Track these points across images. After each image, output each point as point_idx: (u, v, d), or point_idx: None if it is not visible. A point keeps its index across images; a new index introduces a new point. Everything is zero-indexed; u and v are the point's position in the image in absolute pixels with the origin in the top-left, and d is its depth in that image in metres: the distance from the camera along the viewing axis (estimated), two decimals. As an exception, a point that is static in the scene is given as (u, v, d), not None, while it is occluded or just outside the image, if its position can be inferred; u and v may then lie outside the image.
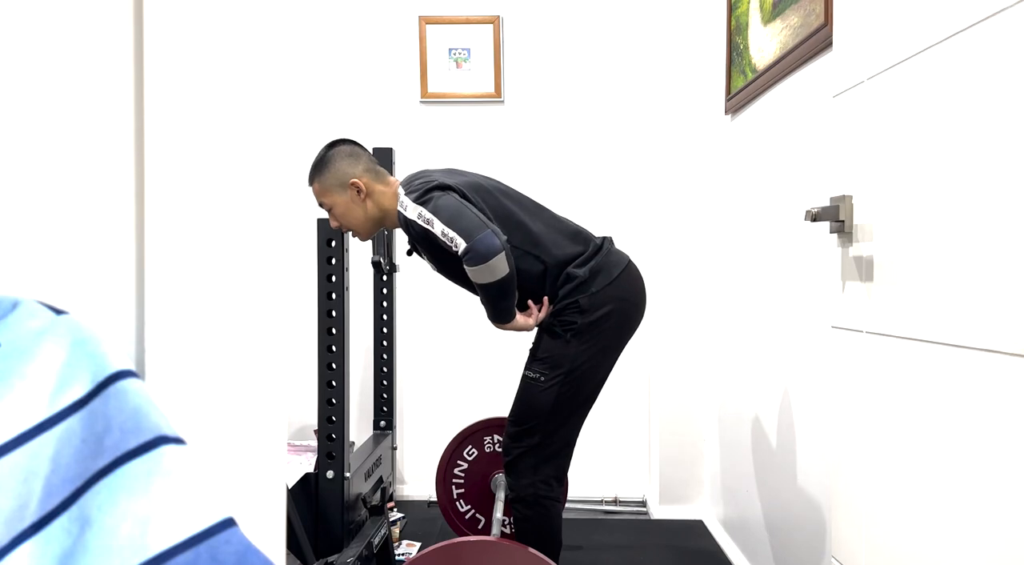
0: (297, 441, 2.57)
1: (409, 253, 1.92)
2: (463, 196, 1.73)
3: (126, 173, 0.55)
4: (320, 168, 1.82)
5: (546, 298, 1.79)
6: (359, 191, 1.81)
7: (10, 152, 0.49)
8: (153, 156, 0.56)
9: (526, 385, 1.79)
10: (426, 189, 1.73)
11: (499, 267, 1.65)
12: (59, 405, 0.42)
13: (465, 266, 1.67)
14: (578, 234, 1.85)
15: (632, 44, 2.97)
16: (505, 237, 1.68)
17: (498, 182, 1.89)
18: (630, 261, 1.86)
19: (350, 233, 1.90)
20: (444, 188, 1.73)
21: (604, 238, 1.87)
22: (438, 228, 1.68)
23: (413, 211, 1.72)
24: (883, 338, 1.06)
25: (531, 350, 1.83)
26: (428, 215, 1.69)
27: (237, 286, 0.65)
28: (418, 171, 1.90)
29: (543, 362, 1.77)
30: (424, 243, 1.77)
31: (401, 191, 1.80)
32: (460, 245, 1.64)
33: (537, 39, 2.99)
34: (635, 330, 1.86)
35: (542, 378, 1.76)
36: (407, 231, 1.80)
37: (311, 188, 1.85)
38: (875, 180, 1.08)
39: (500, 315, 1.76)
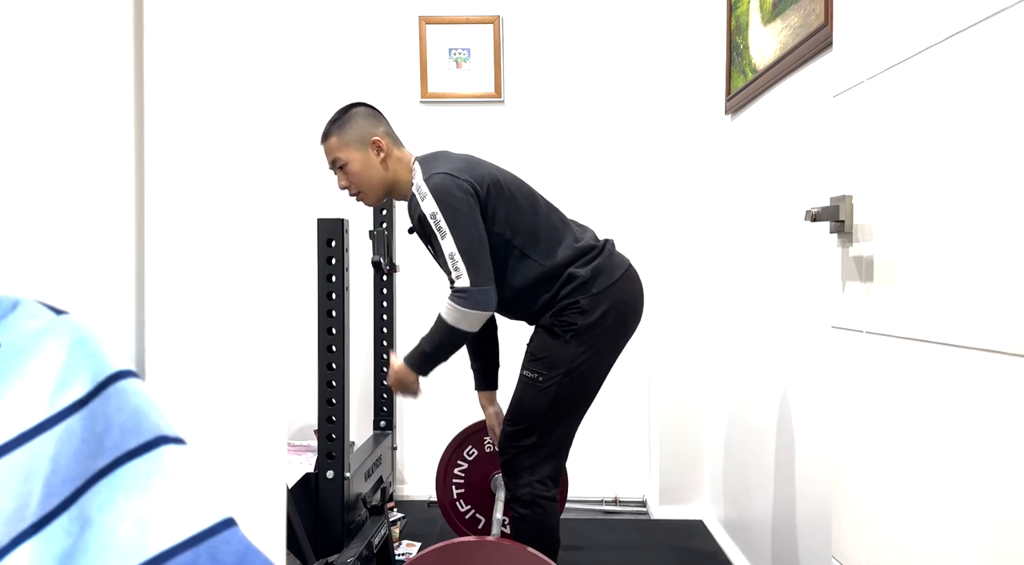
0: (297, 441, 2.57)
1: (410, 231, 1.90)
2: (479, 199, 1.72)
3: (126, 173, 0.55)
4: (340, 123, 1.80)
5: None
6: (380, 150, 1.80)
7: (10, 152, 0.49)
8: (153, 156, 0.56)
9: (523, 385, 1.79)
10: (447, 190, 1.69)
11: (476, 322, 1.68)
12: (59, 405, 0.42)
13: (450, 301, 1.67)
14: (584, 235, 1.85)
15: (632, 44, 2.97)
16: (496, 303, 1.71)
17: (513, 176, 1.87)
18: (630, 264, 1.86)
19: (355, 197, 1.87)
20: (465, 192, 1.69)
21: (606, 240, 1.87)
22: (447, 247, 1.67)
23: (429, 206, 1.69)
24: (883, 338, 1.06)
25: (528, 350, 1.83)
26: (444, 226, 1.67)
27: (237, 286, 0.65)
28: (438, 152, 1.87)
29: (541, 362, 1.77)
30: (424, 236, 1.77)
31: (418, 171, 1.77)
32: (462, 279, 1.65)
33: (537, 39, 2.99)
34: (632, 333, 1.86)
35: (540, 378, 1.75)
36: (411, 212, 1.80)
37: (325, 144, 1.82)
38: (875, 180, 1.08)
39: (423, 361, 1.75)
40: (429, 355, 1.75)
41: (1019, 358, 0.78)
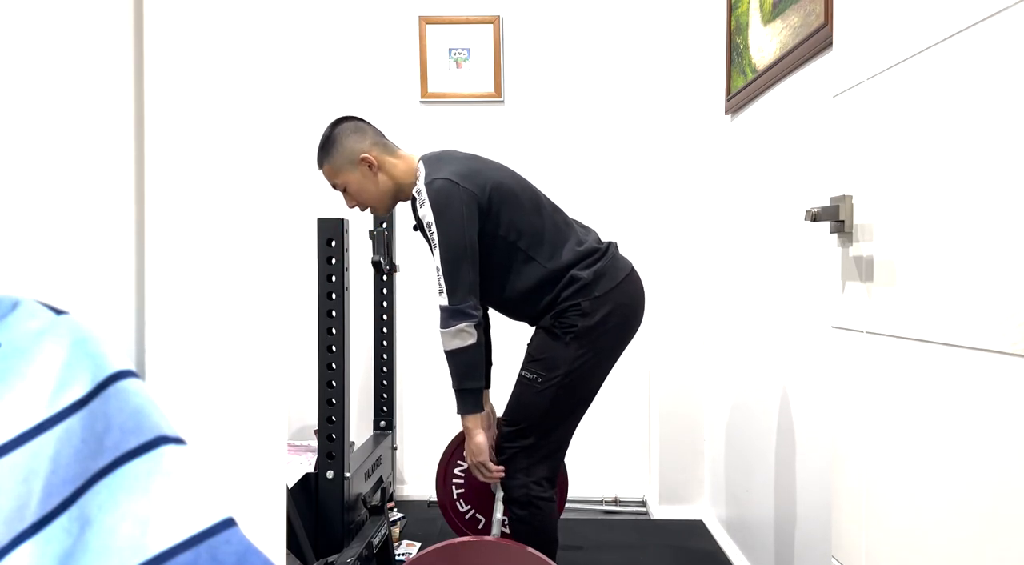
0: (297, 441, 2.57)
1: (415, 228, 1.91)
2: (480, 208, 1.72)
3: (126, 173, 0.55)
4: (327, 149, 1.81)
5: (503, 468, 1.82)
6: (370, 166, 1.80)
7: (10, 152, 0.49)
8: (153, 156, 0.56)
9: (522, 385, 1.79)
10: (445, 200, 1.70)
11: (464, 336, 1.70)
12: (59, 405, 0.42)
13: (439, 329, 1.73)
14: (587, 237, 1.85)
15: (632, 44, 2.97)
16: (480, 312, 1.73)
17: (517, 176, 1.87)
18: (633, 268, 1.86)
19: (367, 211, 1.90)
20: (461, 203, 1.70)
21: (610, 243, 1.87)
22: (435, 257, 1.71)
23: (426, 214, 1.71)
24: (883, 338, 1.06)
25: (528, 350, 1.83)
26: (436, 238, 1.70)
27: (237, 286, 0.65)
28: (443, 152, 1.87)
29: (540, 363, 1.77)
30: (425, 238, 1.79)
31: (422, 172, 1.77)
32: (442, 297, 1.71)
33: (537, 39, 2.99)
34: (632, 337, 1.86)
35: (538, 379, 1.75)
36: (414, 213, 1.82)
37: (321, 171, 1.84)
38: (875, 180, 1.08)
39: (463, 399, 1.76)
40: (458, 389, 1.76)
41: (1019, 358, 0.78)
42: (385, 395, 2.68)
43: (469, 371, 1.73)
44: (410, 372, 3.00)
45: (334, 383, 1.85)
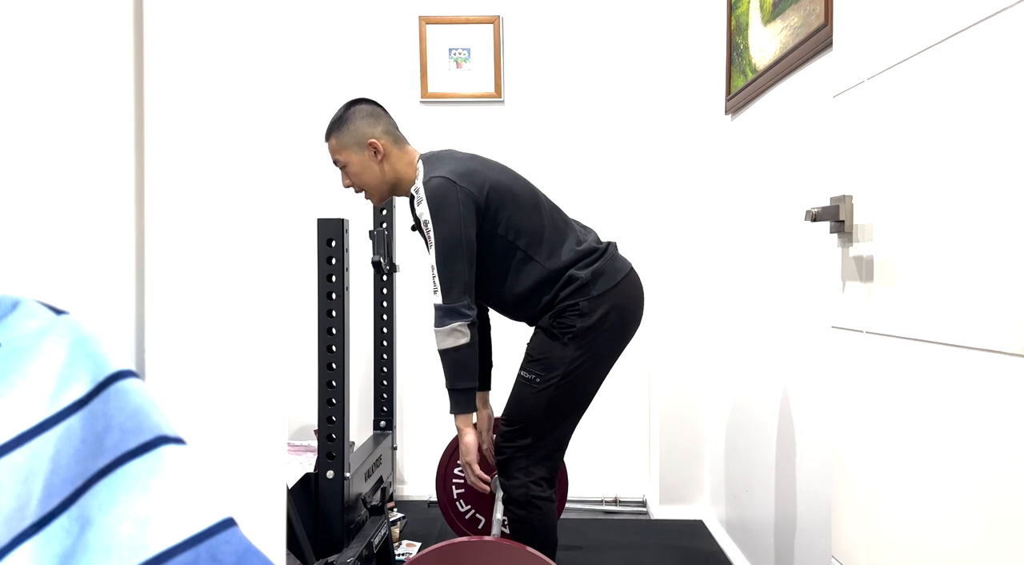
0: (297, 441, 2.57)
1: (413, 228, 1.91)
2: (478, 208, 1.72)
3: (126, 173, 0.55)
4: (338, 124, 1.82)
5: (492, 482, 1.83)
6: (376, 152, 1.81)
7: (10, 152, 0.49)
8: (153, 156, 0.56)
9: (521, 386, 1.79)
10: (442, 198, 1.70)
11: (459, 335, 1.70)
12: (59, 405, 0.42)
13: (433, 329, 1.73)
14: (587, 237, 1.85)
15: (632, 44, 2.97)
16: (475, 311, 1.73)
17: (516, 175, 1.87)
18: (632, 268, 1.85)
19: (362, 194, 1.90)
20: (458, 202, 1.70)
21: (609, 243, 1.87)
22: (431, 255, 1.72)
23: (423, 212, 1.72)
24: (883, 338, 1.06)
25: (527, 351, 1.83)
26: (432, 236, 1.70)
27: (237, 286, 0.65)
28: (442, 151, 1.87)
29: (539, 363, 1.77)
30: (423, 236, 1.79)
31: (420, 171, 1.78)
32: (437, 296, 1.71)
33: (537, 39, 2.99)
34: (631, 337, 1.86)
35: (537, 379, 1.75)
36: (412, 212, 1.83)
37: (327, 144, 1.85)
38: (875, 180, 1.08)
39: (455, 399, 1.76)
40: (452, 389, 1.76)
41: (1019, 358, 0.78)
42: (385, 395, 2.68)
43: (462, 371, 1.73)
44: (410, 372, 3.00)
45: (334, 383, 1.85)
